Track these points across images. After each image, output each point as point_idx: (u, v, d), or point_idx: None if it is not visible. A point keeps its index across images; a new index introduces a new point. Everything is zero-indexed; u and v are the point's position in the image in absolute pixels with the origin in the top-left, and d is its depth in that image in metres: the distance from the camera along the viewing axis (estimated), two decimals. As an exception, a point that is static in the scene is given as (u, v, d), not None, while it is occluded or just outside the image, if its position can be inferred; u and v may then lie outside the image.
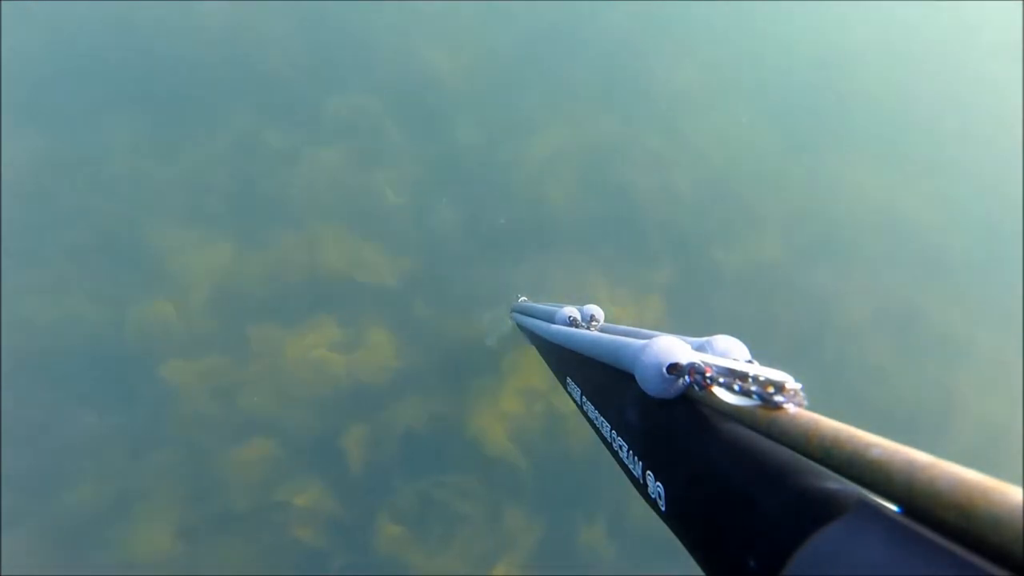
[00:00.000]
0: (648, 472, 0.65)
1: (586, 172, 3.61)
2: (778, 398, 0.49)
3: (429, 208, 3.31)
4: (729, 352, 0.67)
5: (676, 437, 0.62)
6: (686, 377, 0.62)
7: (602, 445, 0.85)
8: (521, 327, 2.22)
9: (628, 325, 1.25)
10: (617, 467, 0.77)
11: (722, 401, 0.56)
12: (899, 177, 4.08)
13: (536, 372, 3.05)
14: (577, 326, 1.47)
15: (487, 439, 2.93)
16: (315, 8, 3.54)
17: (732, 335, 0.69)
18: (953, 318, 3.71)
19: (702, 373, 0.58)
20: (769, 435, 0.49)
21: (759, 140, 4.01)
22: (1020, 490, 0.29)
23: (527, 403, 3.03)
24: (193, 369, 2.79)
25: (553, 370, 1.43)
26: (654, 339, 0.69)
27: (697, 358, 0.62)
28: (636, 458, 0.69)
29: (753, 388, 0.52)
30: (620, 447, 0.74)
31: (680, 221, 3.56)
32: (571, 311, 1.56)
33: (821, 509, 0.39)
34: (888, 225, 3.92)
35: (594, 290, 3.34)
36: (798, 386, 0.49)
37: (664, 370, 0.65)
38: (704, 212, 3.66)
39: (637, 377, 0.69)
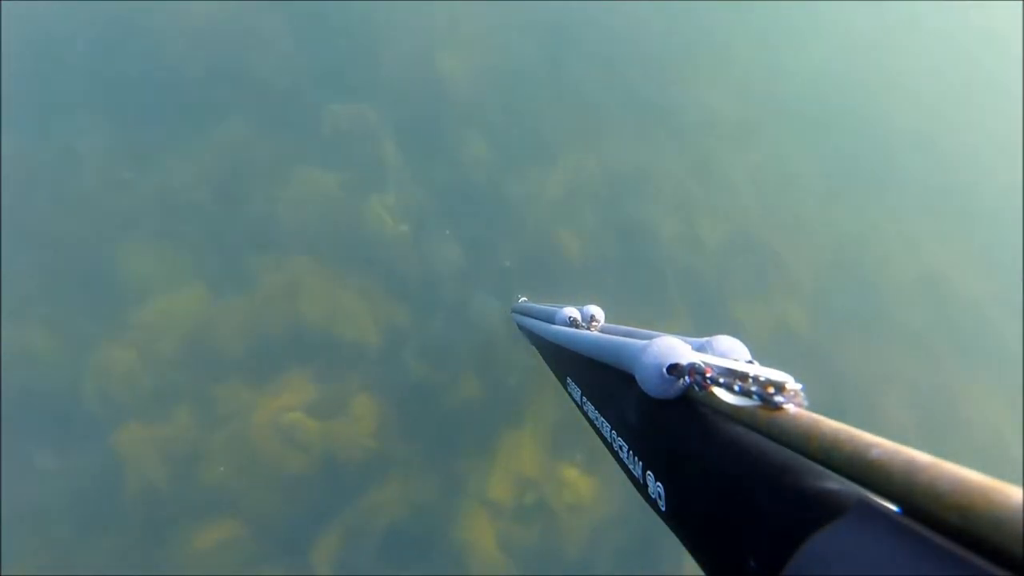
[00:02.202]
0: (648, 472, 0.65)
1: (604, 206, 3.33)
2: (778, 398, 0.49)
3: (429, 241, 3.03)
4: (729, 352, 0.67)
5: (676, 437, 0.62)
6: (686, 377, 0.62)
7: (603, 445, 0.85)
8: (521, 327, 2.22)
9: (629, 325, 1.25)
10: (618, 467, 0.78)
11: (722, 401, 0.56)
12: (942, 234, 3.78)
13: (528, 454, 2.81)
14: (577, 326, 1.48)
15: (474, 549, 2.66)
16: (317, 8, 3.25)
17: (733, 335, 0.70)
18: (997, 418, 3.26)
19: (702, 373, 0.58)
20: (769, 435, 0.49)
21: (795, 182, 3.72)
22: (1020, 490, 0.29)
23: (517, 493, 2.75)
24: (151, 435, 2.51)
25: (553, 370, 1.43)
26: (654, 339, 0.69)
27: (697, 358, 0.63)
28: (636, 458, 0.69)
29: (753, 388, 0.52)
30: (620, 447, 0.75)
31: (702, 270, 3.25)
32: (571, 311, 1.57)
33: (821, 509, 0.40)
34: (929, 292, 3.56)
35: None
36: (798, 386, 0.49)
37: (664, 370, 0.65)
38: (729, 262, 3.36)
39: (637, 377, 0.69)
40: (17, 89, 2.73)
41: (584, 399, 0.98)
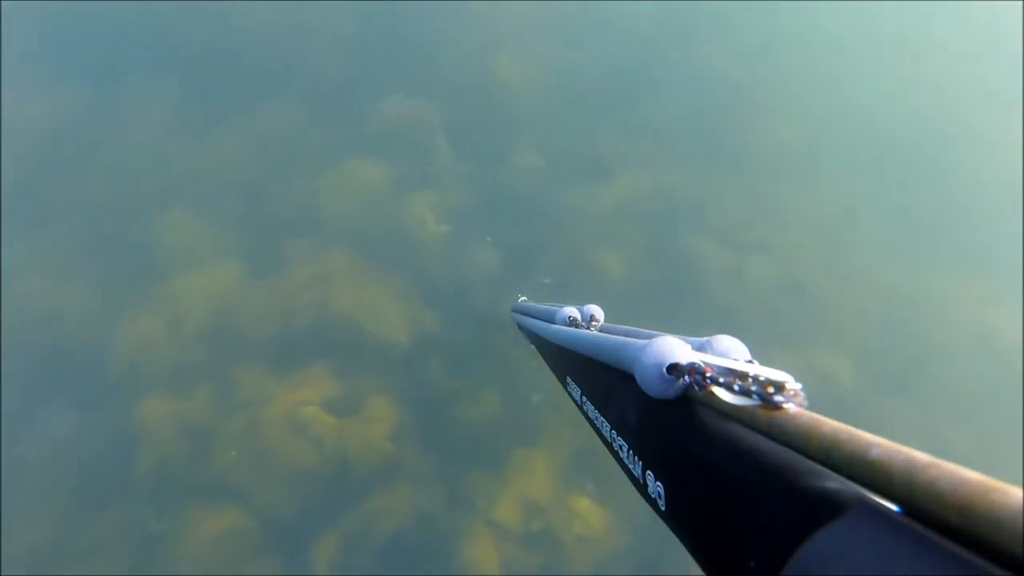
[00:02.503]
0: (648, 472, 0.65)
1: (652, 230, 3.20)
2: (778, 398, 0.49)
3: (470, 244, 2.96)
4: (729, 352, 0.67)
5: (676, 437, 0.62)
6: (686, 377, 0.62)
7: (603, 444, 0.85)
8: (521, 327, 2.22)
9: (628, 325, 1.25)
10: (618, 466, 0.78)
11: (722, 401, 0.56)
12: (1006, 298, 3.48)
13: (540, 479, 2.74)
14: (577, 326, 1.48)
15: (475, 568, 2.58)
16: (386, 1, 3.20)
17: (733, 335, 0.70)
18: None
19: (702, 373, 0.58)
20: (769, 435, 0.49)
21: (854, 225, 3.51)
22: (1020, 490, 0.29)
23: (526, 517, 2.68)
24: (172, 408, 2.52)
25: (553, 370, 1.43)
26: (654, 339, 0.69)
27: (697, 358, 0.63)
28: (636, 458, 0.69)
29: (753, 388, 0.51)
30: (620, 447, 0.75)
31: (745, 309, 3.08)
32: (571, 311, 1.57)
33: (821, 509, 0.39)
34: (985, 357, 3.26)
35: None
36: (798, 386, 0.49)
37: (664, 370, 0.65)
38: (775, 303, 3.20)
39: (637, 377, 0.69)
40: (79, 48, 2.78)
41: (584, 399, 0.98)
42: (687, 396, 0.65)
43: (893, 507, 0.36)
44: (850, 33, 3.93)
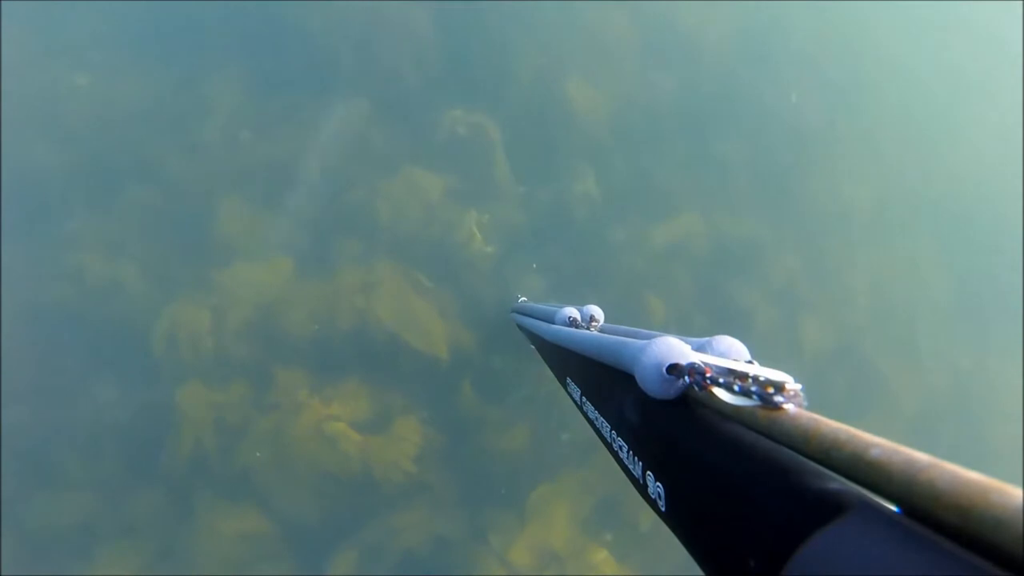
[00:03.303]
0: (648, 472, 0.65)
1: (703, 276, 3.09)
2: (778, 398, 0.49)
3: (515, 269, 2.88)
4: (729, 352, 0.67)
5: (676, 437, 0.62)
6: (686, 377, 0.62)
7: (601, 444, 0.85)
8: (521, 327, 2.22)
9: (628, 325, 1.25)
10: (617, 467, 0.78)
11: (722, 401, 0.56)
12: None
13: (560, 524, 2.66)
14: (577, 326, 1.48)
15: None
16: (463, 10, 3.10)
17: (734, 336, 0.70)
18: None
19: (702, 373, 0.58)
20: (769, 435, 0.49)
21: (918, 296, 3.34)
22: (1020, 490, 0.29)
23: (540, 563, 2.62)
24: (210, 398, 2.54)
25: (553, 370, 1.44)
26: (654, 339, 0.69)
27: (697, 358, 0.63)
28: (636, 458, 0.69)
29: (753, 388, 0.52)
30: (620, 447, 0.75)
31: (793, 374, 3.13)
32: (571, 311, 1.57)
33: (821, 509, 0.39)
34: None
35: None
36: (798, 386, 0.49)
37: (664, 370, 0.65)
38: (826, 371, 3.10)
39: (637, 377, 0.69)
40: (158, 30, 2.78)
41: (584, 399, 0.98)
42: (687, 396, 0.65)
43: (893, 507, 0.36)
44: (942, 91, 3.76)
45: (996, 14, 3.93)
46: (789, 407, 0.48)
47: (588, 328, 1.41)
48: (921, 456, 0.34)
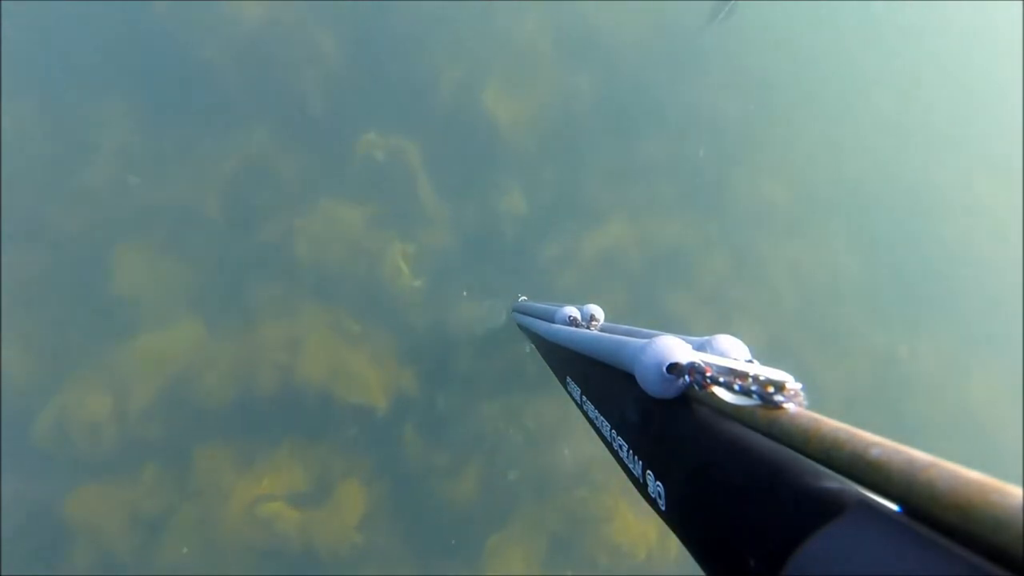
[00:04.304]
0: (648, 472, 0.65)
1: (634, 286, 3.05)
2: (778, 398, 0.49)
3: (444, 300, 2.75)
4: (729, 351, 0.67)
5: (676, 437, 0.63)
6: (686, 377, 0.62)
7: (603, 445, 0.85)
8: (521, 327, 2.22)
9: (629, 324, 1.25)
10: (617, 466, 0.78)
11: (722, 401, 0.56)
12: (988, 367, 3.41)
13: (518, 569, 2.57)
14: (577, 325, 1.48)
15: None
16: (370, 29, 2.93)
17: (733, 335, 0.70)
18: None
19: (702, 373, 0.59)
20: (769, 435, 0.49)
21: (837, 288, 3.41)
22: (1020, 490, 0.29)
23: None
24: (114, 496, 2.25)
25: (553, 370, 1.43)
26: (654, 339, 0.69)
27: (697, 358, 0.63)
28: (636, 457, 0.69)
29: (753, 388, 0.52)
30: (620, 447, 0.75)
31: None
32: (571, 311, 1.57)
33: (821, 509, 0.39)
34: (967, 430, 3.21)
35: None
36: (798, 386, 0.49)
37: (664, 370, 0.66)
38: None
39: (637, 377, 0.69)
40: (22, 67, 2.49)
41: (584, 398, 0.98)
42: (687, 396, 0.65)
43: (893, 507, 0.36)
44: (852, 99, 3.89)
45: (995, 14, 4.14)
46: (789, 406, 0.48)
47: (588, 327, 1.42)
48: (921, 456, 0.34)
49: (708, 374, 0.57)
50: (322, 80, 2.80)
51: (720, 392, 0.56)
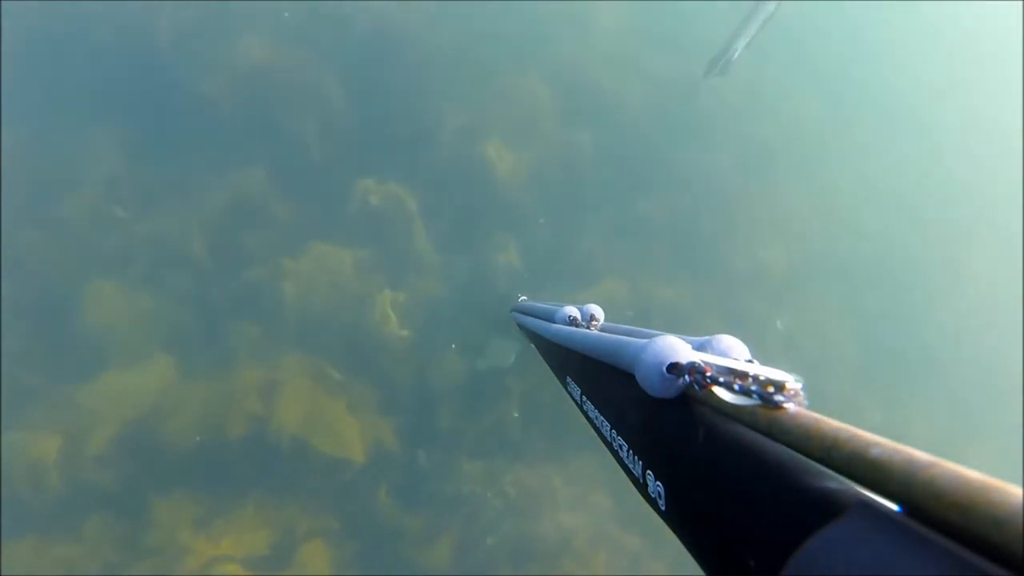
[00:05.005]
0: (648, 471, 0.65)
1: None
2: (778, 397, 0.49)
3: (432, 352, 2.67)
4: (729, 351, 0.67)
5: (676, 436, 0.62)
6: (686, 376, 0.62)
7: (603, 445, 0.85)
8: (521, 327, 2.22)
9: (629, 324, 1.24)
10: (617, 465, 0.77)
11: (722, 400, 0.56)
12: (978, 438, 3.40)
13: None
14: (577, 325, 1.48)
15: None
16: (373, 74, 2.90)
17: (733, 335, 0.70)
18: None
19: (702, 372, 0.59)
20: (769, 435, 0.49)
21: (827, 353, 3.38)
22: (1020, 490, 0.29)
23: None
24: (49, 555, 2.05)
25: (553, 370, 1.44)
26: (654, 339, 0.69)
27: (697, 357, 0.63)
28: (636, 457, 0.69)
29: (753, 387, 0.52)
30: (620, 446, 0.75)
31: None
32: (571, 310, 1.57)
33: (821, 509, 0.39)
34: None
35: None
36: (798, 386, 0.49)
37: (664, 369, 0.66)
38: None
39: (637, 376, 0.70)
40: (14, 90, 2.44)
41: (584, 398, 0.99)
42: (687, 395, 0.66)
43: (893, 506, 0.36)
44: (850, 162, 3.92)
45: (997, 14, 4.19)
46: (789, 406, 0.48)
47: (588, 327, 1.41)
48: (922, 455, 0.34)
49: (708, 374, 0.57)
50: (322, 122, 2.78)
51: (720, 392, 0.56)
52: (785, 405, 0.48)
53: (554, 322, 1.59)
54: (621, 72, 3.39)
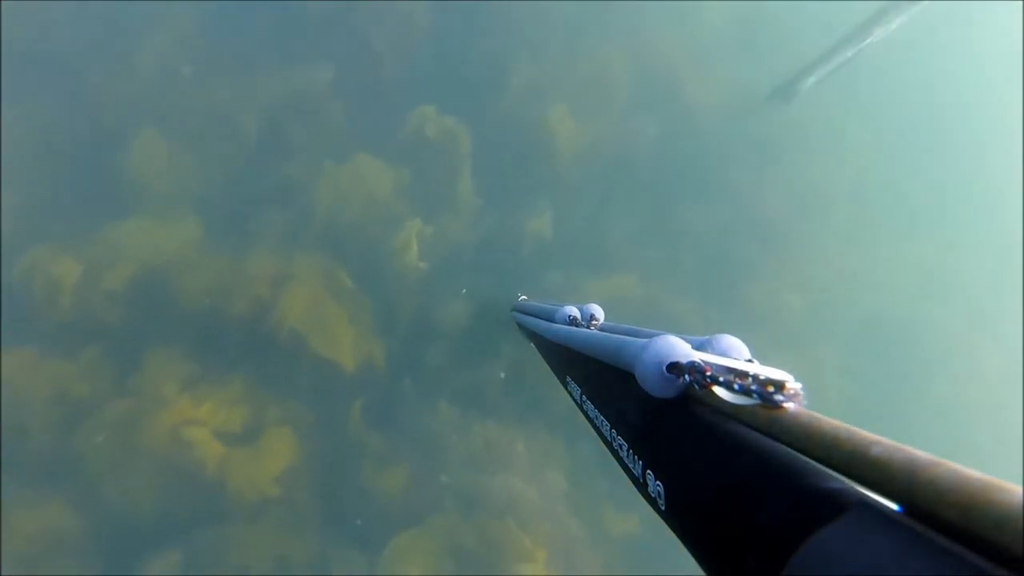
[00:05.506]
0: (648, 471, 0.65)
1: None
2: (778, 397, 0.49)
3: (442, 289, 2.70)
4: (729, 351, 0.67)
5: (676, 436, 0.62)
6: (686, 376, 0.62)
7: (603, 444, 0.85)
8: (521, 326, 2.22)
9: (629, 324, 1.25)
10: (617, 465, 0.78)
11: (722, 400, 0.56)
12: None
13: (417, 561, 2.51)
14: (577, 325, 1.47)
15: None
16: (466, 6, 2.88)
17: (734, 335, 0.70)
18: None
19: (702, 372, 0.58)
20: (769, 434, 0.49)
21: (832, 401, 3.33)
22: (1020, 489, 0.29)
23: None
24: (44, 367, 2.18)
25: (553, 369, 1.43)
26: (654, 338, 0.69)
27: (697, 357, 0.63)
28: (636, 457, 0.69)
29: (753, 387, 0.52)
30: (620, 446, 0.75)
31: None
32: (571, 310, 1.57)
33: (821, 509, 0.39)
34: None
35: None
36: (798, 385, 0.49)
37: (664, 369, 0.66)
38: None
39: (637, 376, 0.69)
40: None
41: (584, 398, 0.98)
42: (687, 395, 0.65)
43: (893, 506, 0.36)
44: (893, 222, 3.82)
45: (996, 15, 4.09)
46: (789, 406, 0.48)
47: (588, 327, 1.41)
48: (922, 455, 0.34)
49: (708, 374, 0.57)
50: (402, 37, 2.77)
51: (720, 392, 0.56)
52: (785, 405, 0.48)
53: (554, 321, 1.59)
54: (700, 72, 3.33)
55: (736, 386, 0.53)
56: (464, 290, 2.73)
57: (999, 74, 4.32)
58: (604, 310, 1.48)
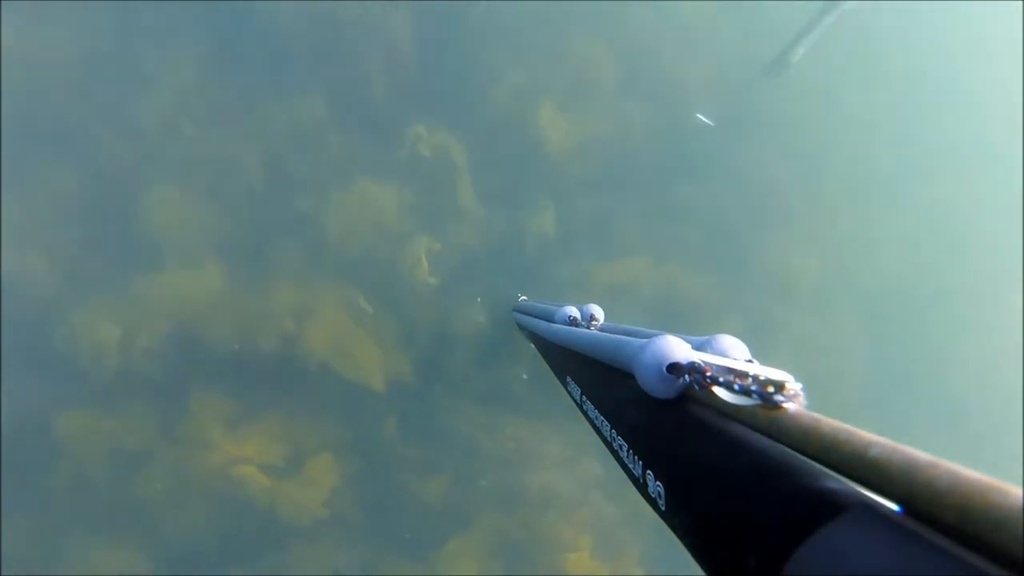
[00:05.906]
0: (648, 471, 0.65)
1: (645, 324, 2.94)
2: (778, 397, 0.49)
3: (456, 302, 2.76)
4: (729, 351, 0.67)
5: (676, 436, 0.62)
6: (686, 376, 0.62)
7: (603, 444, 0.85)
8: (521, 326, 2.21)
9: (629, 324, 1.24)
10: (617, 465, 0.77)
11: (722, 400, 0.56)
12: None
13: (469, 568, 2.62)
14: (577, 325, 1.47)
15: None
16: (445, 17, 2.89)
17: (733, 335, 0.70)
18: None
19: (702, 372, 0.58)
20: (769, 434, 0.49)
21: (841, 371, 3.35)
22: (1020, 490, 0.29)
23: None
24: (98, 425, 2.35)
25: (553, 369, 1.42)
26: (654, 338, 0.69)
27: (697, 357, 0.63)
28: (636, 457, 0.69)
29: (753, 387, 0.52)
30: (620, 447, 0.74)
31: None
32: (571, 310, 1.57)
33: (821, 509, 0.39)
34: None
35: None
36: (798, 386, 0.49)
37: (664, 369, 0.65)
38: None
39: (637, 376, 0.69)
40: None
41: (584, 398, 0.98)
42: (687, 396, 0.66)
43: (893, 506, 0.36)
44: (900, 185, 3.73)
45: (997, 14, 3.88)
46: (789, 406, 0.48)
47: (588, 327, 1.41)
48: (921, 455, 0.34)
49: (708, 374, 0.57)
50: (385, 61, 2.80)
51: (720, 392, 0.56)
52: (785, 405, 0.48)
53: (554, 322, 1.59)
54: (687, 51, 3.30)
55: (736, 386, 0.53)
56: (479, 298, 2.78)
57: (989, 13, 4.20)
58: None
